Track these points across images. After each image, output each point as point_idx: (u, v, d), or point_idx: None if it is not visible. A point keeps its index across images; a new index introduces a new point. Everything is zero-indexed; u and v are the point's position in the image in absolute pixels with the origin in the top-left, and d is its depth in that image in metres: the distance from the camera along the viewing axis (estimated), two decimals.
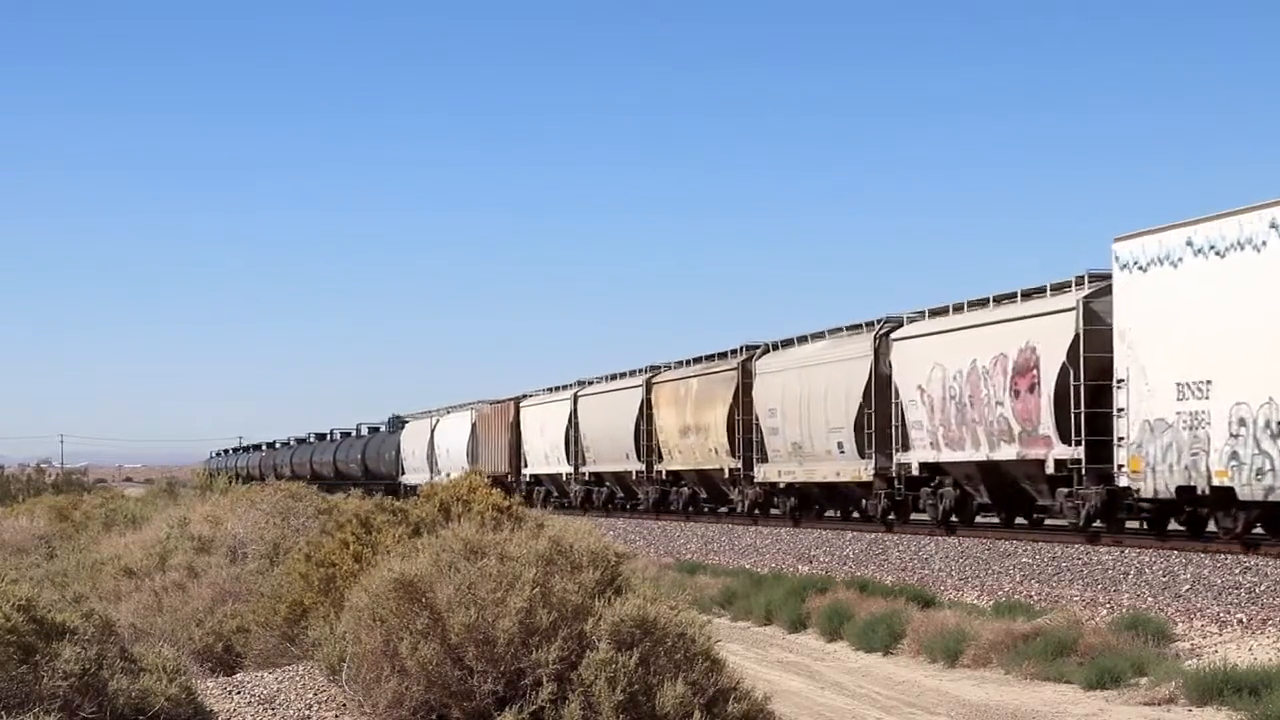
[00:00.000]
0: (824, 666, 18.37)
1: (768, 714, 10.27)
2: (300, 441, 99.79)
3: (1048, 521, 29.91)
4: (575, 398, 52.57)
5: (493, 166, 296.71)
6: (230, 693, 11.81)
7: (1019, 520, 30.93)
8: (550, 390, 56.65)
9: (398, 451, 73.64)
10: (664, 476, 44.81)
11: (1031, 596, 20.97)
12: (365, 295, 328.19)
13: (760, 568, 28.34)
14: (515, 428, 58.08)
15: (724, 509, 42.15)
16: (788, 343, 38.22)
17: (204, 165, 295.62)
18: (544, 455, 55.75)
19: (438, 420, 67.66)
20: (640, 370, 48.37)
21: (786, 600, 22.60)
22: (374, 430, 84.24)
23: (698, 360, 44.17)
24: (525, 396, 58.74)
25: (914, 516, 32.67)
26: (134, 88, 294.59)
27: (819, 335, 36.72)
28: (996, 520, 31.13)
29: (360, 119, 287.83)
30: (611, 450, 48.79)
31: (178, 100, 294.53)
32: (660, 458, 44.91)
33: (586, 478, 51.78)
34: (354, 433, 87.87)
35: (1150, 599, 19.44)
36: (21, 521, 29.14)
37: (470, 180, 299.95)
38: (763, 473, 38.09)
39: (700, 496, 43.33)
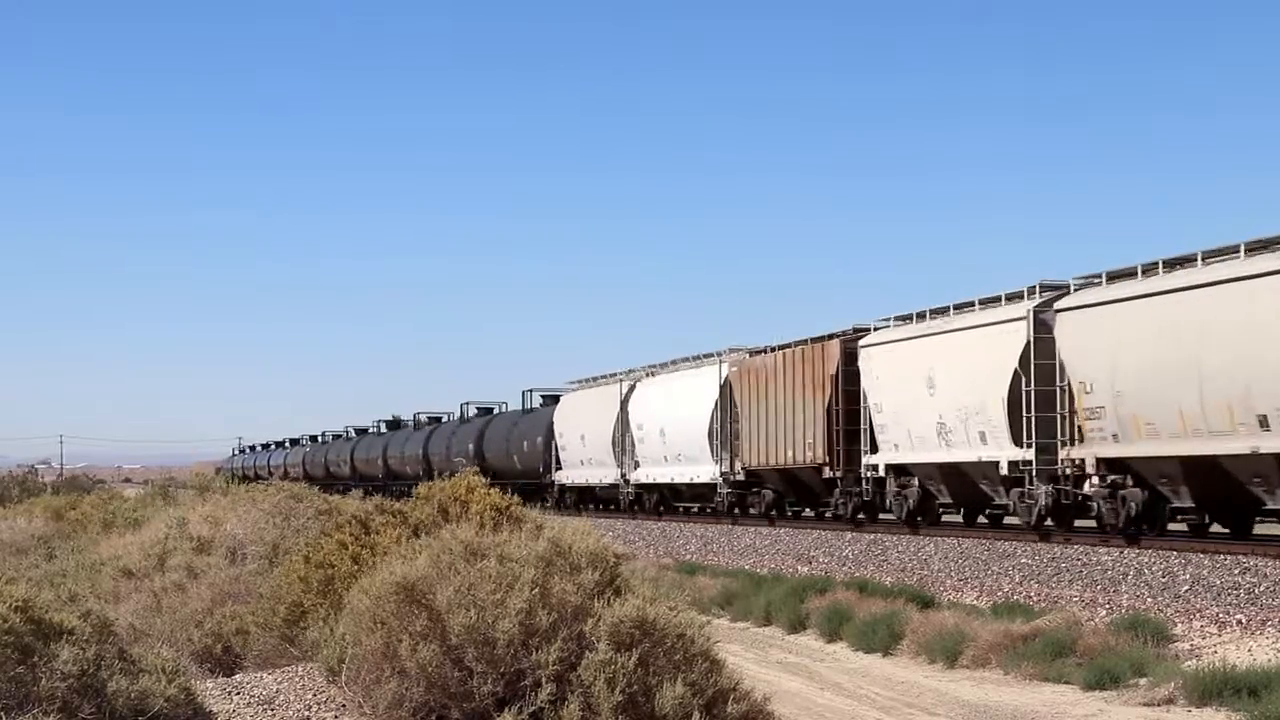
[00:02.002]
0: (823, 667, 18.37)
1: (767, 714, 10.26)
2: (361, 432, 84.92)
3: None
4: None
5: (492, 167, 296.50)
6: (230, 694, 11.80)
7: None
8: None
9: (548, 437, 53.59)
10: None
11: (1031, 597, 20.97)
12: (365, 296, 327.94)
13: (760, 568, 28.35)
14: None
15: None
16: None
17: (204, 165, 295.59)
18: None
19: (633, 386, 46.34)
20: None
21: (786, 601, 22.61)
22: (485, 411, 65.27)
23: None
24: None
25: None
26: (134, 88, 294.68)
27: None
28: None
29: (359, 120, 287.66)
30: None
31: (178, 100, 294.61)
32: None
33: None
34: (457, 415, 67.83)
35: (1149, 600, 19.44)
36: (20, 522, 29.10)
37: (469, 180, 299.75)
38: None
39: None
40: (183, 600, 16.30)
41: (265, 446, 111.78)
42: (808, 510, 37.77)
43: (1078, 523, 26.93)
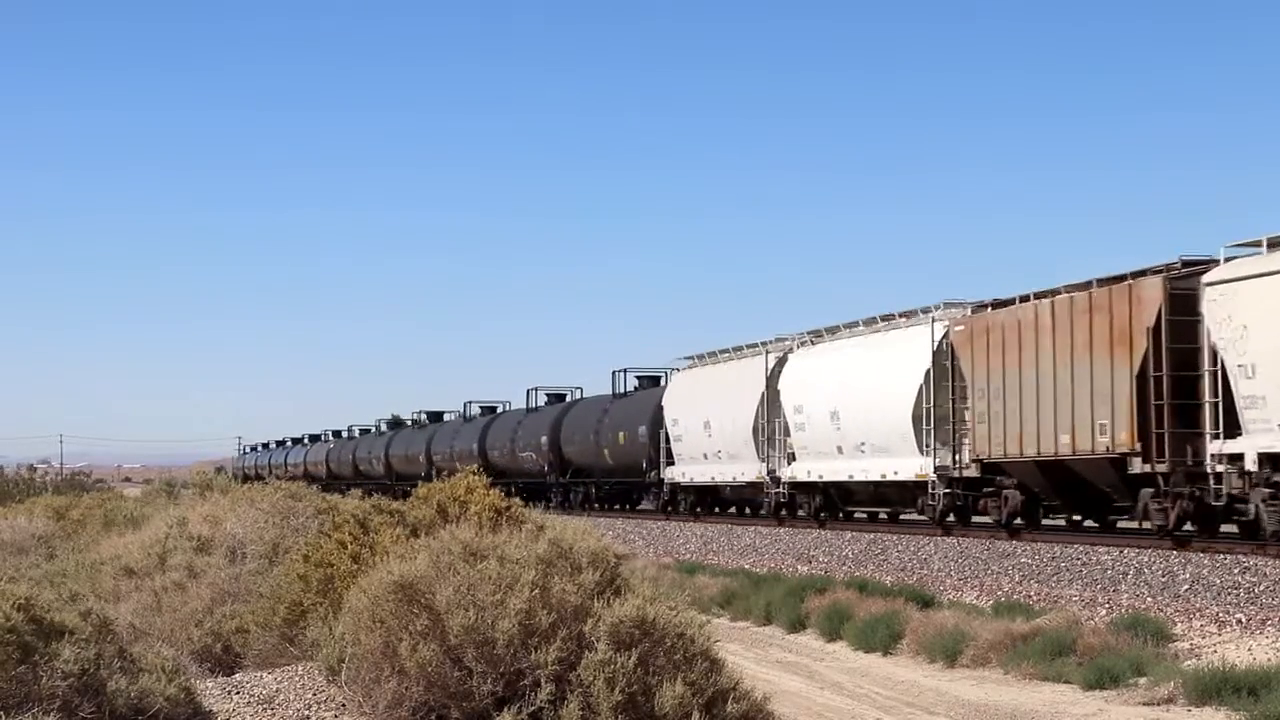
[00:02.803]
0: (823, 667, 18.36)
1: (767, 714, 10.26)
2: (397, 425, 76.17)
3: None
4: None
5: (492, 167, 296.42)
6: (229, 693, 11.80)
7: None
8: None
9: (654, 425, 43.81)
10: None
11: (1030, 597, 20.97)
12: (365, 296, 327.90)
13: (759, 568, 28.34)
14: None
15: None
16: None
17: (204, 165, 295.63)
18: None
19: (783, 358, 36.57)
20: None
21: (786, 600, 22.60)
22: (557, 397, 56.44)
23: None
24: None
25: None
26: (134, 88, 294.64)
27: None
28: None
29: (361, 118, 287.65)
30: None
31: (178, 100, 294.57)
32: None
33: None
34: (525, 403, 57.86)
35: (1149, 599, 19.44)
36: (20, 521, 29.09)
37: (470, 181, 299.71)
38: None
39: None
40: (183, 599, 16.29)
41: (280, 443, 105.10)
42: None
43: None
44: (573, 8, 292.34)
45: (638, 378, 49.21)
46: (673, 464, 41.92)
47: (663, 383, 46.41)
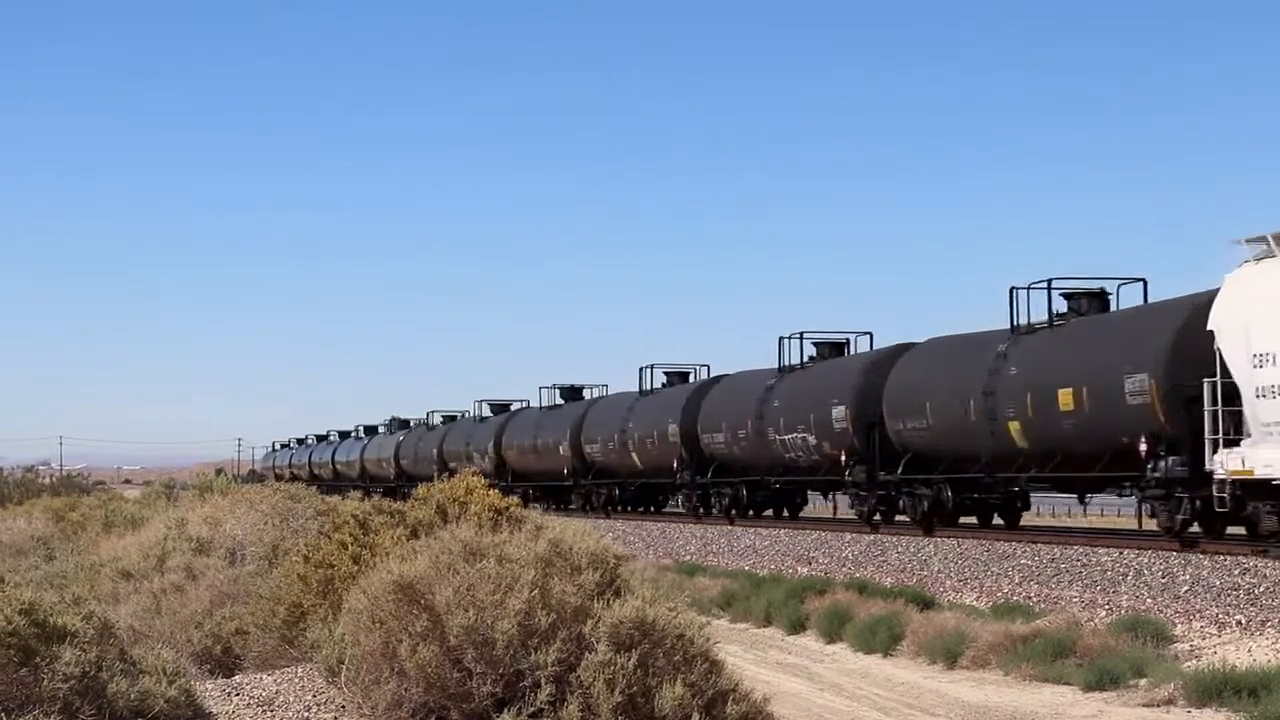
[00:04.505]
0: (823, 668, 18.37)
1: (767, 715, 10.26)
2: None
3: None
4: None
5: (491, 168, 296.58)
6: (229, 694, 11.80)
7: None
8: None
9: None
10: None
11: (1030, 598, 20.98)
12: (364, 297, 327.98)
13: (759, 569, 28.33)
14: None
15: None
16: None
17: (204, 165, 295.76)
18: None
19: None
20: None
21: (786, 602, 22.61)
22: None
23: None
24: None
25: None
26: (134, 88, 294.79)
27: None
28: None
29: (363, 119, 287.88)
30: None
31: (178, 101, 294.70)
32: None
33: None
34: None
35: (1149, 600, 19.44)
36: (20, 523, 29.09)
37: (470, 181, 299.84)
38: None
39: None
40: (182, 601, 16.29)
41: (322, 438, 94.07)
42: None
43: None
44: (604, 10, 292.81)
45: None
46: (1244, 440, 21.28)
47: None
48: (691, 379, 45.27)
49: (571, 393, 54.20)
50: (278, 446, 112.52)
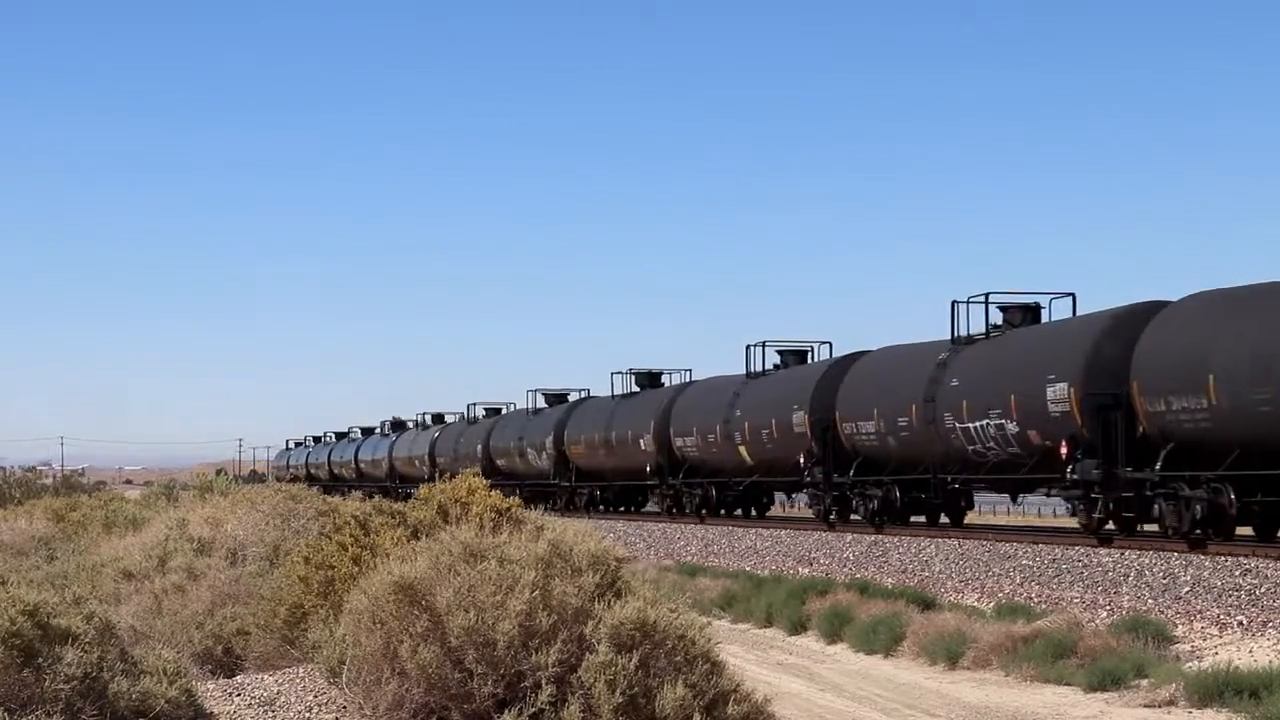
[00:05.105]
0: (824, 669, 18.37)
1: (768, 716, 10.26)
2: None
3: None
4: None
5: (492, 168, 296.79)
6: (230, 695, 11.81)
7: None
8: None
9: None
10: None
11: (1032, 598, 20.97)
12: (365, 297, 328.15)
13: (760, 570, 28.33)
14: None
15: None
16: None
17: (204, 165, 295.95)
18: None
19: None
20: None
21: (787, 602, 22.61)
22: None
23: None
24: None
25: None
26: (135, 88, 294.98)
27: None
28: None
29: (362, 120, 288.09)
30: None
31: (178, 101, 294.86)
32: None
33: None
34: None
35: (1150, 601, 19.44)
36: (21, 523, 29.09)
37: (470, 181, 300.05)
38: None
39: None
40: (183, 602, 16.29)
41: (341, 435, 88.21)
42: None
43: None
44: (575, 12, 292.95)
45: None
46: None
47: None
48: (811, 358, 39.33)
49: (650, 379, 48.49)
50: (291, 445, 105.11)
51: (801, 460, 35.03)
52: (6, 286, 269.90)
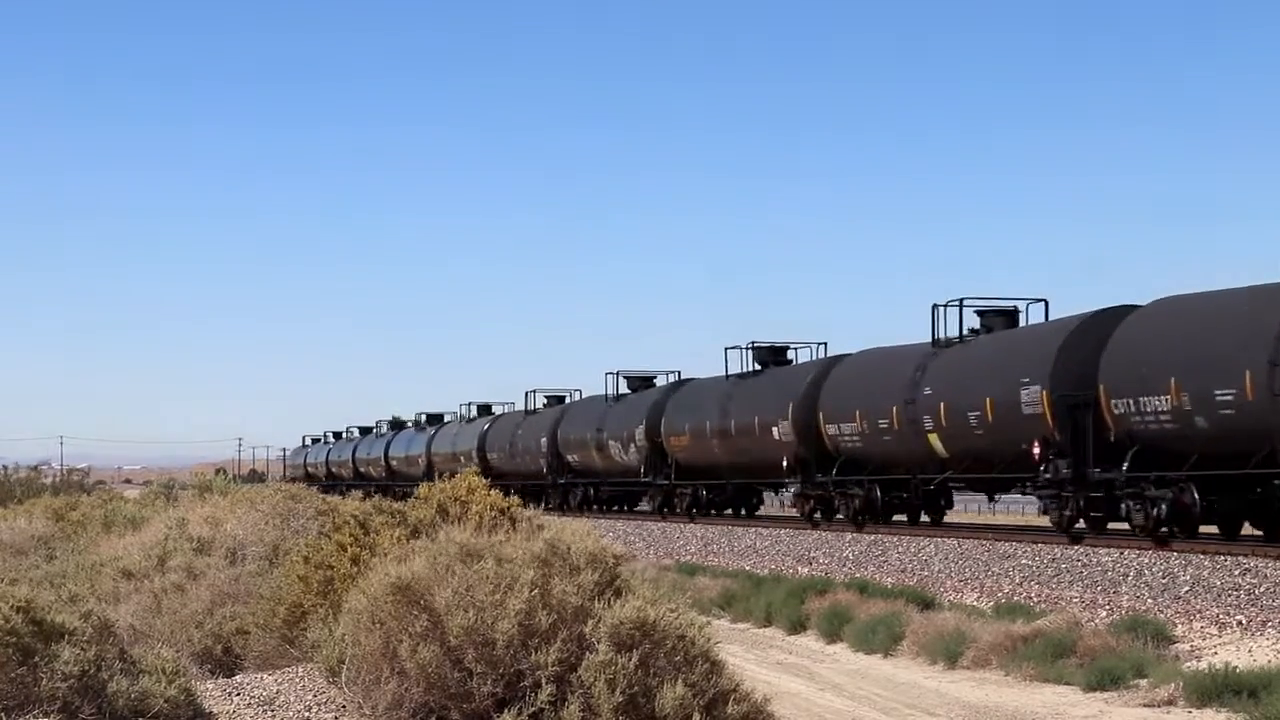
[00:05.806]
0: (824, 668, 18.37)
1: (767, 715, 10.26)
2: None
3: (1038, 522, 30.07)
4: None
5: (492, 168, 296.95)
6: (230, 694, 11.80)
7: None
8: None
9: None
10: None
11: (1031, 598, 20.97)
12: (364, 297, 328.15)
13: (760, 569, 28.32)
14: None
15: None
16: None
17: (204, 166, 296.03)
18: None
19: None
20: None
21: (786, 602, 22.61)
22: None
23: None
24: None
25: None
26: (135, 89, 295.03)
27: None
28: None
29: (362, 121, 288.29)
30: None
31: (178, 102, 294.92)
32: None
33: None
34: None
35: (1150, 601, 19.44)
36: (20, 522, 29.08)
37: (470, 181, 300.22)
38: None
39: None
40: (182, 601, 16.28)
41: (366, 431, 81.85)
42: None
43: None
44: (583, 13, 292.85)
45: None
46: None
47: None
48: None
49: (775, 354, 39.99)
50: (309, 441, 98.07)
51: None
52: (6, 286, 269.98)
